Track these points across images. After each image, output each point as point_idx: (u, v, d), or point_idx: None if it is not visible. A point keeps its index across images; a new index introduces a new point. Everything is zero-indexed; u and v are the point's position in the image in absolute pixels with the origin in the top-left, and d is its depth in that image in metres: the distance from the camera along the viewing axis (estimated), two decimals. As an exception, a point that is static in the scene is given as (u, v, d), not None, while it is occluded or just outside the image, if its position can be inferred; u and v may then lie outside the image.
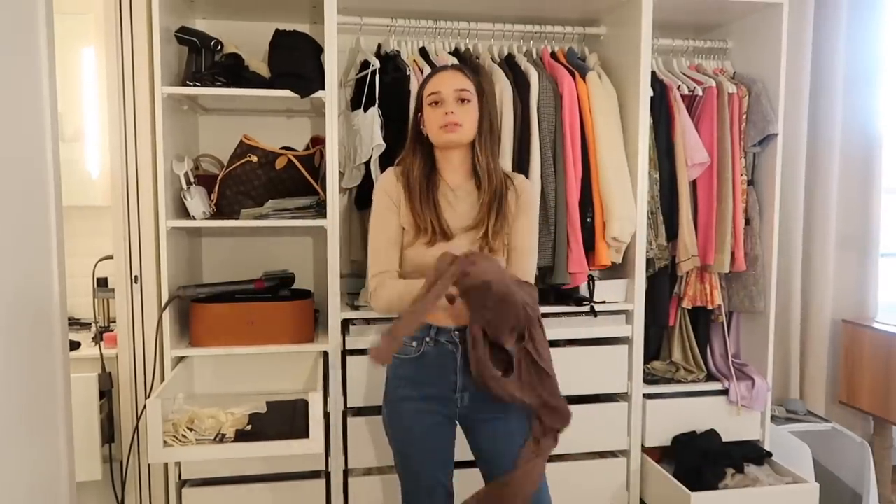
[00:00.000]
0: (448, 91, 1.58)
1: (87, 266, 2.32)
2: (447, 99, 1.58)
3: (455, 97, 1.58)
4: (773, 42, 2.32)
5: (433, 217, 1.58)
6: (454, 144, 1.61)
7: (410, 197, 1.60)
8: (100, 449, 2.12)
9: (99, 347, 2.17)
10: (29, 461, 1.31)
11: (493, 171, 1.63)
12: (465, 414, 1.65)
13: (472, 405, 1.62)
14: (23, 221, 1.33)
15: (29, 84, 1.37)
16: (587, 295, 2.25)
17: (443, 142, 1.60)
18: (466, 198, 1.64)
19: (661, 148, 2.29)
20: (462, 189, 1.65)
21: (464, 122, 1.58)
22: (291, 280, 2.24)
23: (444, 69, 1.64)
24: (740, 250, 2.33)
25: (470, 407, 1.63)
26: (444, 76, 1.61)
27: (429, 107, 1.60)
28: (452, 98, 1.58)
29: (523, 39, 2.39)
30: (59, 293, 1.48)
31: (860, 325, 2.74)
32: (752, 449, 2.37)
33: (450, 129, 1.57)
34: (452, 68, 1.65)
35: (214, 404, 1.87)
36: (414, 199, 1.59)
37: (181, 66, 2.17)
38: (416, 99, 1.68)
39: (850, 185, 2.85)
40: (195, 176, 2.15)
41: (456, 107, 1.57)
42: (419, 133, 1.66)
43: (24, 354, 1.30)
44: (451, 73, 1.62)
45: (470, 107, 1.59)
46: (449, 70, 1.63)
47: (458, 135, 1.58)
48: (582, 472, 2.28)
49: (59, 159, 1.48)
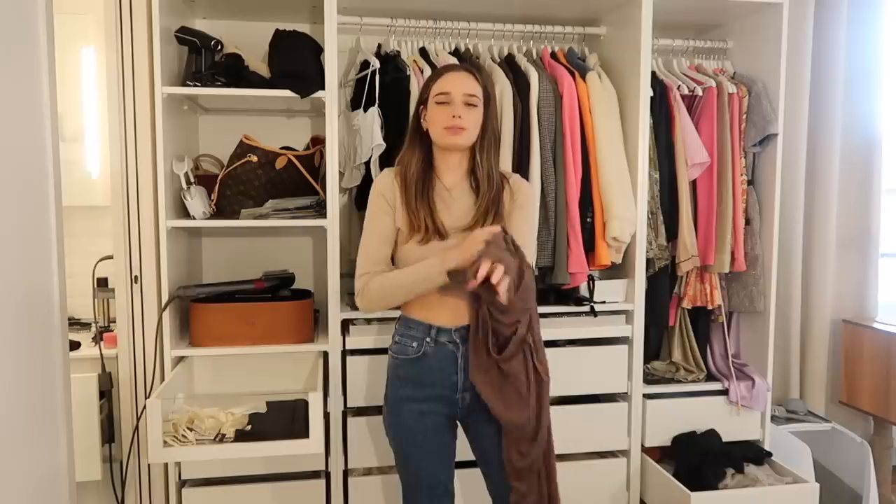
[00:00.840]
0: (458, 93, 1.57)
1: (87, 266, 2.32)
2: (456, 101, 1.57)
3: (463, 101, 1.58)
4: (774, 42, 2.32)
5: (427, 216, 1.57)
6: (456, 147, 1.61)
7: (406, 195, 1.60)
8: (100, 449, 2.12)
9: (99, 347, 2.17)
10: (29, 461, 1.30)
11: (493, 176, 1.63)
12: (467, 414, 1.65)
13: (473, 405, 1.62)
14: (23, 221, 1.33)
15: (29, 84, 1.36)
16: (587, 295, 2.25)
17: (445, 143, 1.60)
18: (462, 198, 1.63)
19: (661, 148, 2.28)
20: (458, 189, 1.64)
21: (468, 126, 1.58)
22: (291, 280, 2.24)
23: (457, 69, 1.63)
24: (740, 250, 2.33)
25: (471, 407, 1.63)
26: (456, 77, 1.60)
27: (436, 105, 1.59)
28: (461, 101, 1.57)
29: (523, 39, 2.38)
30: (58, 293, 1.48)
31: (860, 325, 2.74)
32: (752, 449, 2.36)
33: (455, 132, 1.57)
34: (464, 70, 1.63)
35: (214, 404, 1.87)
36: (409, 198, 1.60)
37: (181, 66, 2.17)
38: (420, 92, 1.66)
39: (850, 184, 2.84)
40: (195, 176, 2.15)
41: (463, 110, 1.57)
42: (419, 127, 1.66)
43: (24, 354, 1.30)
44: (463, 75, 1.61)
45: (476, 112, 1.59)
46: (461, 72, 1.62)
47: (461, 139, 1.58)
48: (582, 472, 2.27)
49: (58, 159, 1.47)
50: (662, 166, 2.28)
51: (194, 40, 2.10)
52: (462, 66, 1.67)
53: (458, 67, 1.64)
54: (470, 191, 1.64)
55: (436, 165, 1.65)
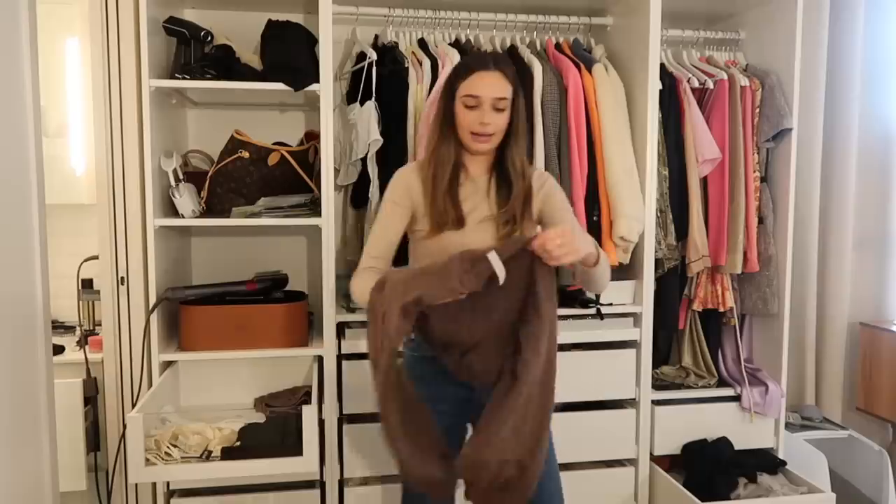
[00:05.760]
0: (487, 98, 1.55)
1: (72, 267, 2.30)
2: (485, 106, 1.56)
3: (493, 105, 1.56)
4: (788, 32, 2.30)
5: (451, 205, 1.58)
6: (483, 152, 1.61)
7: (437, 181, 1.59)
8: (85, 458, 2.10)
9: (84, 352, 2.15)
10: (11, 471, 1.29)
11: (526, 170, 1.64)
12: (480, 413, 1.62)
13: None
14: (4, 220, 1.31)
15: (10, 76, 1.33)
16: (593, 297, 2.22)
17: (472, 149, 1.61)
18: (482, 189, 1.64)
19: (670, 143, 2.27)
20: (481, 179, 1.65)
21: (496, 130, 1.58)
22: (284, 281, 2.21)
23: (487, 67, 1.58)
24: (753, 250, 2.31)
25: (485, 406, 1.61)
26: (487, 80, 1.56)
27: (463, 106, 1.57)
28: (490, 106, 1.55)
29: (526, 30, 2.37)
30: (42, 295, 1.46)
31: (878, 329, 2.72)
32: (766, 457, 2.35)
33: (483, 139, 1.57)
34: (496, 69, 1.58)
35: (201, 418, 1.83)
36: (437, 186, 1.59)
37: (169, 59, 2.16)
38: (448, 82, 1.62)
39: (867, 182, 2.83)
40: (184, 173, 2.15)
41: (491, 116, 1.56)
42: (450, 120, 1.61)
43: (5, 359, 1.30)
44: (495, 76, 1.57)
45: (504, 114, 1.59)
46: (492, 72, 1.57)
47: (488, 144, 1.59)
48: (588, 482, 2.25)
49: (41, 155, 1.46)
50: (672, 163, 2.27)
51: (183, 31, 2.08)
52: (492, 60, 1.60)
53: (488, 64, 1.58)
54: (493, 181, 1.64)
55: (463, 157, 1.65)
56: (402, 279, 1.42)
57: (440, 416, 1.59)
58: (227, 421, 1.90)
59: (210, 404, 2.10)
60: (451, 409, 1.62)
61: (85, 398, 2.10)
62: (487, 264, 1.35)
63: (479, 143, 1.57)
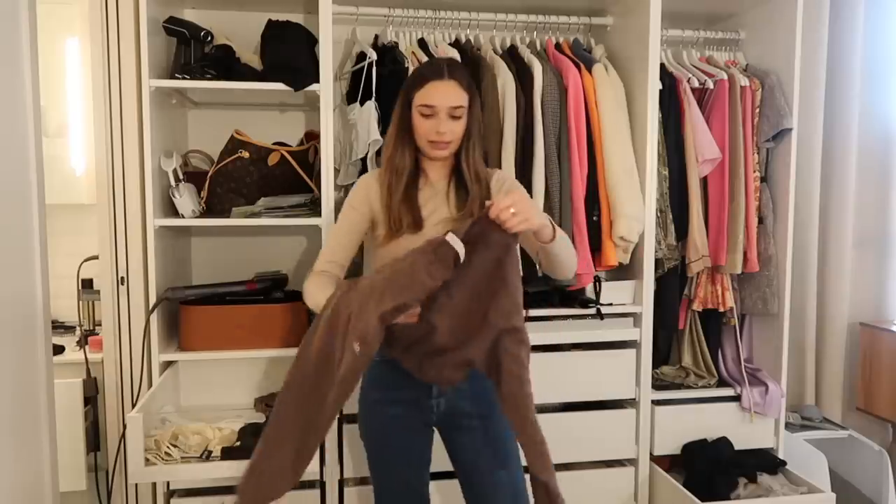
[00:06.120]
0: (443, 107, 1.55)
1: (72, 267, 2.30)
2: (440, 115, 1.55)
3: (448, 114, 1.56)
4: (788, 32, 2.29)
5: (407, 210, 1.58)
6: (440, 158, 1.61)
7: (392, 189, 1.59)
8: (85, 458, 2.10)
9: (84, 352, 2.15)
10: (10, 471, 1.30)
11: (481, 173, 1.64)
12: (441, 421, 1.63)
13: (448, 411, 1.61)
14: (4, 220, 1.31)
15: (10, 76, 1.33)
16: (593, 297, 2.22)
17: (430, 155, 1.61)
18: (441, 193, 1.64)
19: (670, 143, 2.26)
20: (440, 184, 1.65)
21: (453, 137, 1.58)
22: (285, 281, 2.21)
23: (440, 77, 1.57)
24: (753, 250, 2.30)
25: (446, 413, 1.61)
26: (441, 89, 1.55)
27: (419, 115, 1.57)
28: (445, 115, 1.55)
29: (527, 30, 2.36)
30: (42, 295, 1.46)
31: (878, 329, 2.71)
32: (766, 457, 2.35)
33: (440, 147, 1.57)
34: (449, 77, 1.57)
35: (201, 418, 1.84)
36: (395, 192, 1.59)
37: (169, 59, 2.16)
38: (403, 93, 1.62)
39: (867, 182, 2.82)
40: (184, 173, 2.14)
41: (447, 124, 1.56)
42: (407, 127, 1.61)
43: (5, 359, 1.28)
44: (449, 86, 1.56)
45: (460, 122, 1.58)
46: (446, 81, 1.56)
47: (445, 151, 1.59)
48: (588, 482, 2.24)
49: (41, 155, 1.46)
50: (672, 162, 2.26)
51: (183, 31, 2.08)
52: (447, 69, 1.59)
53: (443, 73, 1.57)
54: (448, 186, 1.64)
55: (422, 162, 1.65)
56: (369, 284, 1.42)
57: (394, 419, 1.60)
58: (227, 421, 1.90)
59: (210, 404, 2.10)
60: (406, 412, 1.60)
61: (85, 398, 2.11)
62: (448, 246, 1.34)
63: (437, 150, 1.57)
